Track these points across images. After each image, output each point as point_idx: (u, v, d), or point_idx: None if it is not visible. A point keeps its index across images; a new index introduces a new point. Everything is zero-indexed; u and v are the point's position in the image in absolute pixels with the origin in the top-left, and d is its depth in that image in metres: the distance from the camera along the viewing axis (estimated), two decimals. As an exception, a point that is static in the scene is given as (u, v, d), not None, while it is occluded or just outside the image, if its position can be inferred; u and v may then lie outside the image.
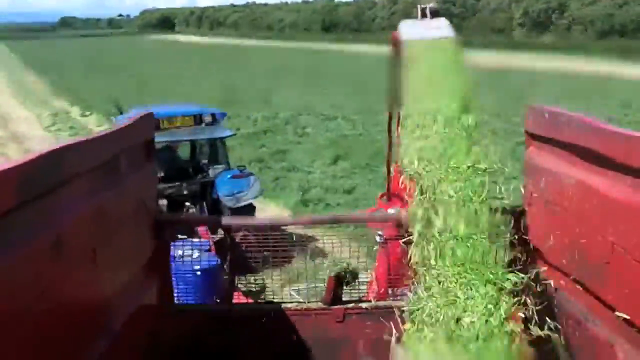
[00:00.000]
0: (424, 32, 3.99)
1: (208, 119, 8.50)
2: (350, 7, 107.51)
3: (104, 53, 64.81)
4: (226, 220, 5.05)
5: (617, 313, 2.44)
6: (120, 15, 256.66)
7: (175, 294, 4.36)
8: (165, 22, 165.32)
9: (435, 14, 4.13)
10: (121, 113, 9.37)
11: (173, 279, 4.42)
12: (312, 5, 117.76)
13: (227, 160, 8.80)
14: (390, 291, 4.53)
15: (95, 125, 21.56)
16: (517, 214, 3.37)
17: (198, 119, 8.47)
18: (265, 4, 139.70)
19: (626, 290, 2.40)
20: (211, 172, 8.52)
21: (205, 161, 8.99)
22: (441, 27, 3.99)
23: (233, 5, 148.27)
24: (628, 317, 2.38)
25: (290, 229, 6.13)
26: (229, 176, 8.19)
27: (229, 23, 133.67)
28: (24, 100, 29.18)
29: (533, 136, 3.43)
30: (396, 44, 4.07)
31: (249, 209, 8.14)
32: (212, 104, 23.49)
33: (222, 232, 5.50)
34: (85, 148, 2.65)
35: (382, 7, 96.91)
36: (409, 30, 4.03)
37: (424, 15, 4.13)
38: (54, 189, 2.28)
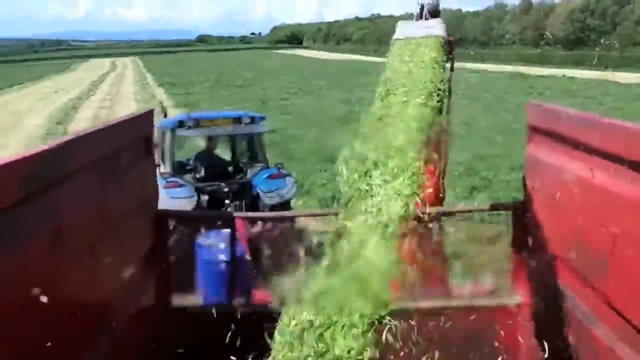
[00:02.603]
0: (414, 31, 4.01)
1: (247, 120, 8.72)
2: (478, 18, 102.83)
3: (233, 68, 66.43)
4: (230, 215, 5.19)
5: (618, 306, 2.49)
6: (252, 33, 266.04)
7: (198, 284, 4.68)
8: (294, 38, 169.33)
9: (433, 13, 4.25)
10: (165, 116, 9.71)
11: (197, 268, 4.89)
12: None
13: (265, 159, 9.00)
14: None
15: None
16: (518, 207, 3.59)
17: (237, 120, 8.74)
18: (390, 16, 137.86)
19: (627, 282, 2.42)
20: (250, 172, 8.73)
21: (244, 161, 9.25)
22: (433, 27, 4.00)
23: (358, 19, 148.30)
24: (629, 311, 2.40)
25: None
26: (266, 175, 8.40)
27: (355, 39, 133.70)
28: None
29: (535, 130, 3.52)
30: None
31: (287, 207, 8.34)
32: (331, 121, 22.95)
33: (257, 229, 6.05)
34: (85, 143, 2.65)
35: (513, 18, 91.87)
36: (401, 30, 4.06)
37: (421, 16, 4.25)
38: (55, 184, 2.29)
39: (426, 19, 4.23)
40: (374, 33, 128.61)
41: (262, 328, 3.73)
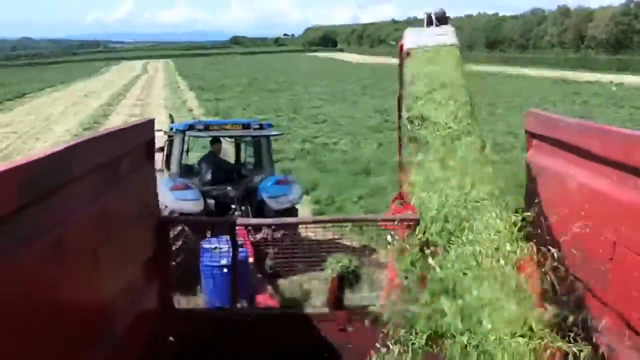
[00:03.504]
0: (427, 39, 4.07)
1: (256, 126, 8.82)
2: (517, 21, 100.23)
3: (265, 72, 65.73)
4: (231, 220, 5.26)
5: (619, 310, 2.51)
6: (285, 34, 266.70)
7: (202, 288, 5.27)
8: (327, 40, 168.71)
9: (442, 20, 4.35)
10: (172, 122, 9.79)
11: (202, 272, 5.50)
12: (476, 20, 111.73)
13: (272, 165, 9.14)
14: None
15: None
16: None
17: (247, 127, 8.83)
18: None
19: (628, 287, 2.43)
20: (256, 177, 8.86)
21: (251, 166, 9.42)
22: (445, 34, 4.06)
23: (394, 21, 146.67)
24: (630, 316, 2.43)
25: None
26: (272, 182, 8.48)
27: (390, 41, 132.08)
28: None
29: (534, 136, 3.66)
30: (401, 52, 4.23)
31: (292, 212, 8.31)
32: (364, 130, 21.98)
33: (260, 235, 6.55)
34: (87, 149, 2.67)
35: (553, 21, 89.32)
36: (413, 38, 4.15)
37: (429, 22, 4.34)
38: (56, 190, 2.31)
39: (436, 25, 4.17)
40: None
41: (264, 331, 3.80)
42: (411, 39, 4.14)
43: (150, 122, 4.04)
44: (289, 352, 3.96)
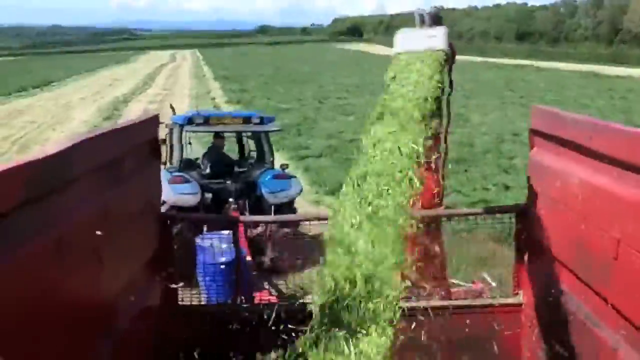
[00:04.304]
0: (416, 42, 3.94)
1: (256, 120, 8.75)
2: (547, 12, 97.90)
3: (291, 62, 65.05)
4: (232, 217, 5.43)
5: (621, 308, 2.53)
6: (313, 24, 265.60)
7: (201, 286, 5.32)
8: (354, 31, 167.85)
9: (435, 20, 4.09)
10: (174, 113, 9.69)
11: (199, 270, 5.62)
12: (505, 10, 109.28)
13: (272, 160, 9.13)
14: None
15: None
16: (521, 212, 3.79)
17: (247, 120, 8.78)
18: (454, 9, 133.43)
19: (631, 286, 2.45)
20: (255, 171, 8.83)
21: (251, 160, 9.41)
22: (435, 37, 3.90)
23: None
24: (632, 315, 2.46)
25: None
26: (270, 176, 8.46)
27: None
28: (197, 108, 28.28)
29: (538, 134, 3.62)
30: None
31: (290, 207, 8.35)
32: None
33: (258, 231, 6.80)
34: (90, 147, 2.67)
35: (585, 13, 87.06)
36: (402, 41, 4.01)
37: (422, 22, 4.09)
38: (59, 188, 2.31)
39: (429, 25, 4.09)
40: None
41: (263, 327, 3.82)
42: (401, 42, 4.01)
43: (155, 119, 4.01)
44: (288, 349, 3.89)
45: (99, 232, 2.67)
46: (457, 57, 4.09)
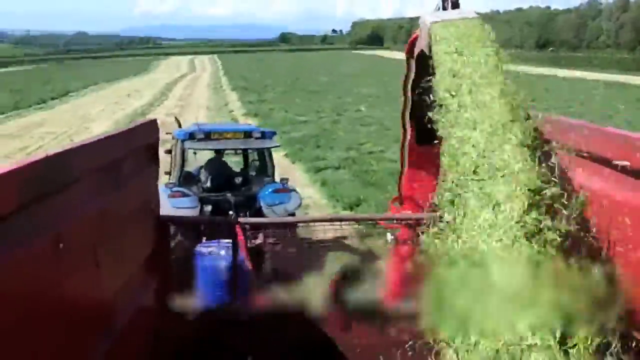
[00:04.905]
0: (449, 16, 4.14)
1: (257, 135, 8.77)
2: (570, 15, 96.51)
3: (310, 71, 64.82)
4: (229, 219, 5.34)
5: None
6: (334, 30, 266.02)
7: (199, 292, 4.95)
8: (375, 38, 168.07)
9: (455, 5, 4.30)
10: (179, 126, 9.86)
11: (198, 276, 5.37)
12: (527, 14, 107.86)
13: (273, 173, 9.15)
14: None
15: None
16: None
17: (248, 134, 8.81)
18: (478, 14, 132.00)
19: (628, 286, 2.47)
20: (255, 184, 8.89)
21: (253, 173, 9.46)
22: (465, 13, 4.16)
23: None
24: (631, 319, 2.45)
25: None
26: (271, 190, 8.49)
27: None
28: (214, 120, 28.02)
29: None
30: (411, 50, 4.46)
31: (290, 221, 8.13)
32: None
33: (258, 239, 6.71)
34: (88, 151, 2.72)
35: (609, 15, 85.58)
36: (433, 17, 4.15)
37: (444, 8, 4.31)
38: (57, 191, 2.35)
39: (452, 8, 4.23)
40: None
41: (264, 330, 3.79)
42: (431, 18, 4.17)
43: (153, 124, 4.05)
44: (290, 351, 3.99)
45: (96, 235, 2.72)
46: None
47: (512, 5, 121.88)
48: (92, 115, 30.88)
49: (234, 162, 10.00)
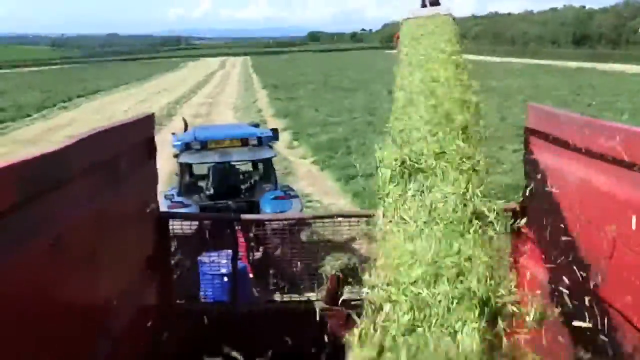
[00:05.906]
0: (423, 12, 4.55)
1: (254, 141, 8.69)
2: (607, 14, 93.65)
3: (341, 69, 63.95)
4: (231, 217, 5.71)
5: (618, 307, 2.52)
6: (363, 29, 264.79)
7: (202, 295, 5.43)
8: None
9: (434, 3, 4.58)
10: (186, 128, 10.01)
11: (201, 282, 5.66)
12: (562, 14, 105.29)
13: (275, 180, 9.04)
14: None
15: (298, 157, 18.56)
16: (517, 210, 3.75)
17: (245, 141, 8.71)
18: (509, 14, 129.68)
19: (626, 285, 2.45)
20: (258, 191, 8.84)
21: (255, 179, 9.46)
22: (440, 9, 4.44)
23: (474, 17, 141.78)
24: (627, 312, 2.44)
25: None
26: (272, 197, 8.44)
27: (470, 36, 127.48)
28: (241, 121, 27.19)
29: (534, 133, 3.64)
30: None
31: (291, 227, 7.74)
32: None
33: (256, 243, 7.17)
34: (85, 147, 2.67)
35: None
36: (408, 14, 4.60)
37: (424, 6, 4.64)
38: (54, 188, 2.32)
39: (431, 5, 4.51)
40: (489, 30, 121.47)
41: (264, 327, 4.11)
42: (408, 14, 4.54)
43: (150, 118, 4.04)
44: (288, 348, 4.04)
45: (94, 232, 2.70)
46: (508, 60, 3.75)
47: (546, 6, 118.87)
48: (117, 114, 30.38)
49: (237, 166, 9.77)
